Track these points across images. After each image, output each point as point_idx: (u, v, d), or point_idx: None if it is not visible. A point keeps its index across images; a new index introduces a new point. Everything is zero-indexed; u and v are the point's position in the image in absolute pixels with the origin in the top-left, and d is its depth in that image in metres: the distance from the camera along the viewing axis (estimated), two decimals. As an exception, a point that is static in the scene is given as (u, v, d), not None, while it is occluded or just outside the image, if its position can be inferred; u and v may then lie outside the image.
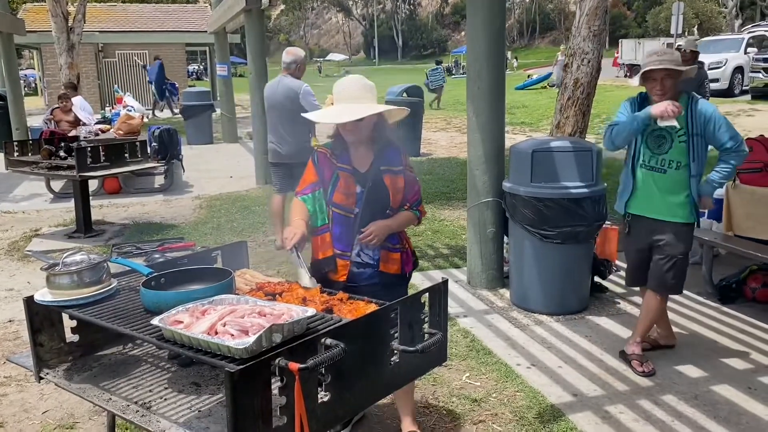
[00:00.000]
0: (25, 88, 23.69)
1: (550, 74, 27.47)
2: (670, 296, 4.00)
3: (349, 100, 2.66)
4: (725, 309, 4.55)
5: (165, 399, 2.02)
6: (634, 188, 3.66)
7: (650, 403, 3.39)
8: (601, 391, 3.52)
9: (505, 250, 5.10)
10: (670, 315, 4.09)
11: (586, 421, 3.24)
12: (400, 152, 2.81)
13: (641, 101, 3.64)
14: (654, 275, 3.69)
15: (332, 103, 2.77)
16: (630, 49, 31.77)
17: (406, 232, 2.91)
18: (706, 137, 3.51)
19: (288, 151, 6.05)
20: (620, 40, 34.19)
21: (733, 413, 3.28)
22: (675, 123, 3.37)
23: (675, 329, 4.07)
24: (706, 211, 4.67)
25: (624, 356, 3.81)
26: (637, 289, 4.98)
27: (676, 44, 21.35)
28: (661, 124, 3.41)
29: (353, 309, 2.13)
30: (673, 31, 21.33)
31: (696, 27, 42.32)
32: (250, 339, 1.62)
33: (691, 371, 3.69)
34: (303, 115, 2.91)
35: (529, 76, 30.05)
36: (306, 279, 2.42)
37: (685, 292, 4.62)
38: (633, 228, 3.75)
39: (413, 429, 2.99)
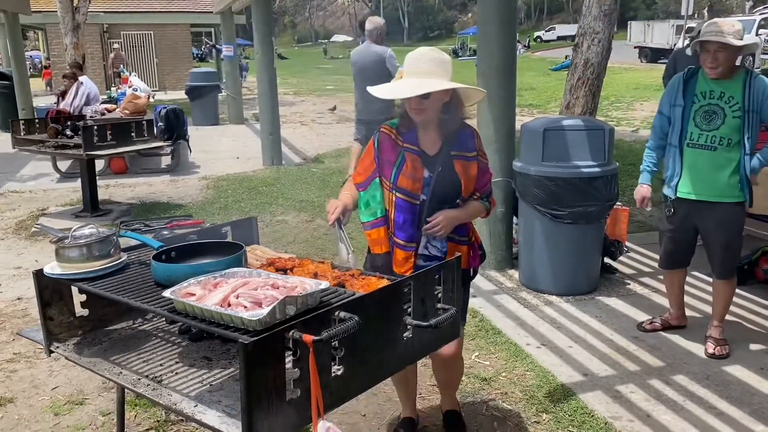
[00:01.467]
0: (30, 69, 23.59)
1: None
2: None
3: (416, 74, 2.41)
4: (737, 290, 4.48)
5: (176, 373, 2.00)
6: (683, 170, 3.53)
7: (661, 383, 3.37)
8: (612, 371, 3.50)
9: (514, 231, 5.06)
10: (682, 296, 4.05)
11: (596, 400, 3.22)
12: (474, 136, 2.56)
13: (687, 79, 3.53)
14: (716, 263, 3.62)
15: (401, 77, 2.51)
16: (639, 32, 31.48)
17: (473, 224, 2.71)
18: (762, 114, 3.39)
19: (371, 109, 6.73)
20: (629, 22, 33.86)
21: (745, 393, 3.25)
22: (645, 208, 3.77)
23: (686, 310, 4.03)
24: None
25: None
26: (649, 269, 4.98)
27: (687, 26, 21.12)
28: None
29: (365, 284, 2.10)
30: (683, 13, 21.08)
31: (706, 9, 41.84)
32: (264, 311, 1.60)
33: (703, 352, 3.66)
34: (368, 89, 2.60)
35: (566, 57, 29.41)
36: (344, 254, 2.27)
37: (696, 273, 4.61)
38: (679, 210, 3.62)
39: (455, 408, 3.00)
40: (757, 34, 19.54)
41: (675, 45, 24.53)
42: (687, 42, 9.29)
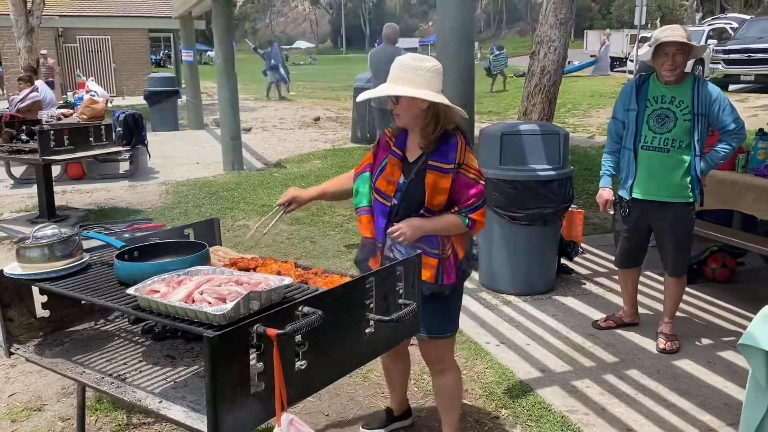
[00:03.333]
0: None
1: (594, 61, 26.25)
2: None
3: (390, 80, 2.44)
4: (687, 289, 4.65)
5: (140, 371, 2.01)
6: (637, 171, 3.67)
7: (615, 377, 3.49)
8: (568, 367, 3.61)
9: (474, 233, 5.15)
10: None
11: (553, 395, 3.32)
12: (456, 148, 2.45)
13: (640, 84, 3.67)
14: (668, 262, 3.76)
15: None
16: (595, 40, 32.28)
17: (459, 239, 2.55)
18: (709, 118, 3.55)
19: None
20: (585, 32, 34.68)
21: (694, 386, 3.39)
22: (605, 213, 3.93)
23: (639, 308, 4.18)
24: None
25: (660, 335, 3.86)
26: (603, 270, 5.13)
27: (640, 35, 21.72)
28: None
29: (328, 282, 2.15)
30: (636, 23, 21.69)
31: (659, 19, 43.10)
32: (228, 306, 1.63)
33: (654, 347, 3.80)
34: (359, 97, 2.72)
35: (569, 62, 29.19)
36: (249, 234, 2.45)
37: (647, 272, 4.76)
38: (632, 211, 3.76)
39: None
40: (705, 44, 20.19)
41: (629, 53, 25.21)
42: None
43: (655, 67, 3.62)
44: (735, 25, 21.76)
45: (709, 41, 20.42)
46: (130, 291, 1.78)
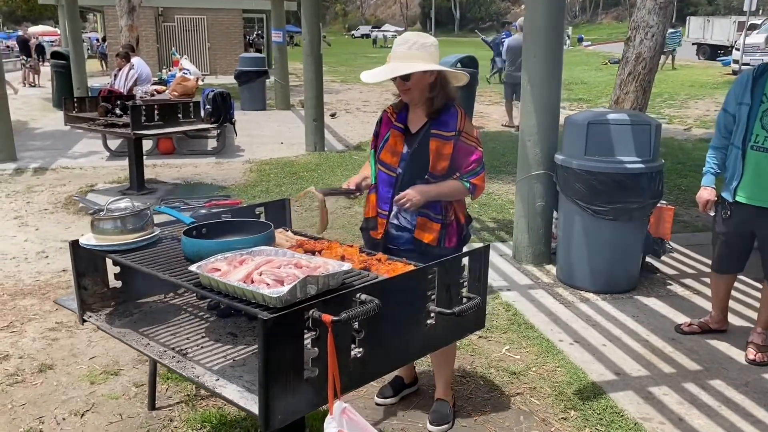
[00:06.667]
0: (88, 50, 24.25)
1: None
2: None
3: (397, 58, 2.56)
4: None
5: (201, 347, 2.04)
6: (744, 173, 3.38)
7: (696, 387, 3.28)
8: (646, 372, 3.42)
9: (553, 226, 4.98)
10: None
11: (627, 400, 3.15)
12: (457, 117, 2.62)
13: (757, 76, 3.36)
14: None
15: (389, 61, 2.67)
16: (698, 27, 30.50)
17: (460, 205, 2.75)
18: None
19: (515, 76, 10.29)
20: (688, 18, 32.86)
21: (786, 403, 3.14)
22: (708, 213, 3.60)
23: (729, 315, 3.90)
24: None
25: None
26: (691, 271, 4.84)
27: (749, 23, 20.31)
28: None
29: (391, 269, 2.10)
30: (746, 9, 20.21)
31: (771, 6, 40.20)
32: (284, 289, 1.61)
33: (743, 358, 3.54)
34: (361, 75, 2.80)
35: None
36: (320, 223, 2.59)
37: (742, 277, 4.45)
38: (735, 214, 3.47)
39: (441, 397, 2.97)
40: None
41: (735, 42, 23.60)
42: None
43: None
44: None
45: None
46: (193, 268, 1.79)
